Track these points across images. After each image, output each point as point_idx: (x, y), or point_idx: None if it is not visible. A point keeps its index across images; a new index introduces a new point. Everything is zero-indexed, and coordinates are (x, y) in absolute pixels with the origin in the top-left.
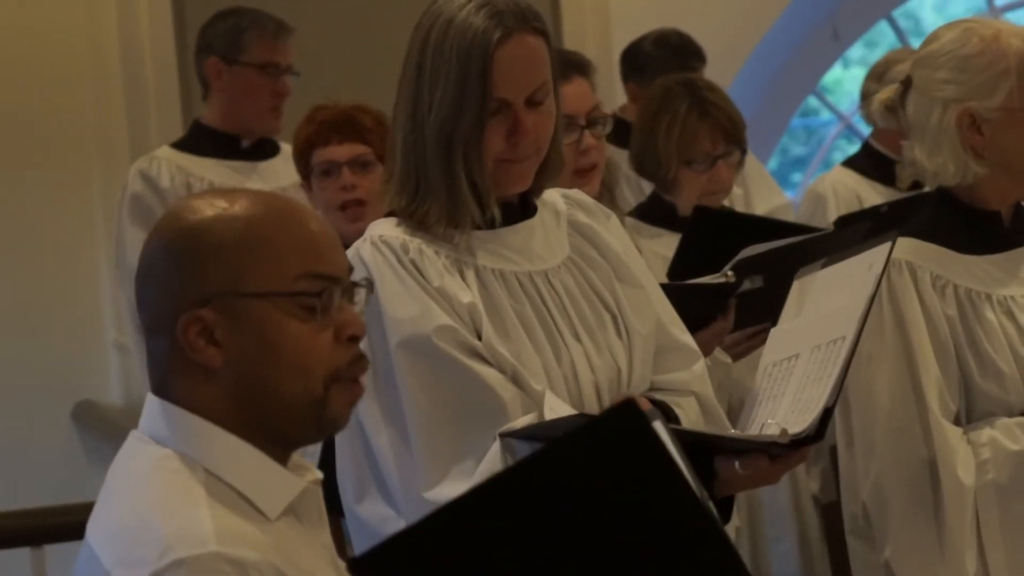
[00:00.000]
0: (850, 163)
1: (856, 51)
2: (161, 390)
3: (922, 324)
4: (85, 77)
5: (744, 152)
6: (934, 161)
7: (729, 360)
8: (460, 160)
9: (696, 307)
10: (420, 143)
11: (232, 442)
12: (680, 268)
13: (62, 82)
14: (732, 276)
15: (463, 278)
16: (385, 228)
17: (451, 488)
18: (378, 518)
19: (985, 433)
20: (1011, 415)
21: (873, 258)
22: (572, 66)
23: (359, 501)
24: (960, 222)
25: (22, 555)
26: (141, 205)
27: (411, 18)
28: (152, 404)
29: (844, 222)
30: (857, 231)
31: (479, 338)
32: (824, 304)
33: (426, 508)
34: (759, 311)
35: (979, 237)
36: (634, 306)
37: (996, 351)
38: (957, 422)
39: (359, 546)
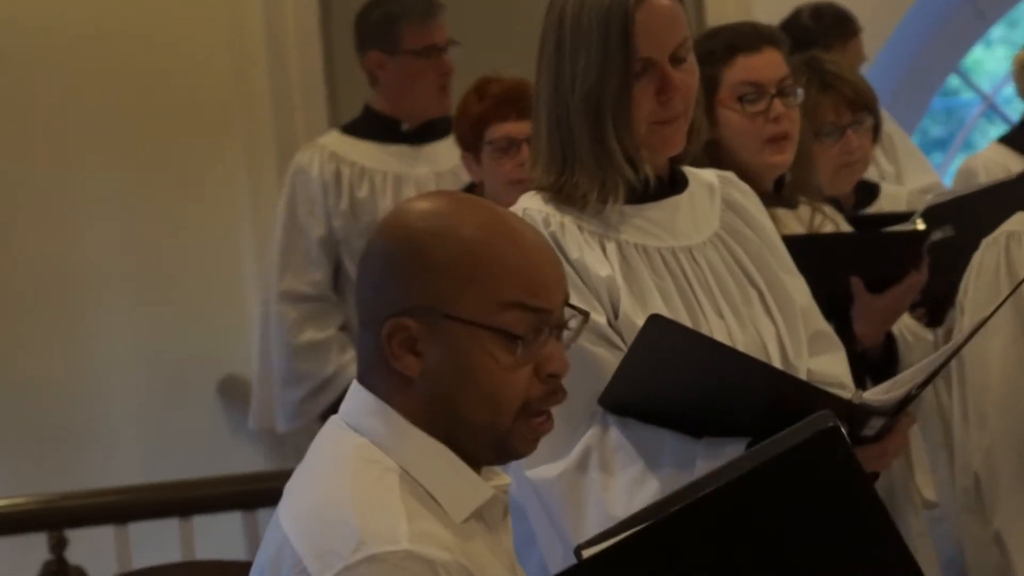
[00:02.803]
0: (1005, 140)
1: (999, 30)
2: (364, 380)
3: None
4: (229, 53)
5: (877, 119)
6: None
7: (930, 337)
8: (609, 127)
9: (887, 260)
10: (565, 117)
11: (427, 442)
12: None
13: (206, 60)
14: (921, 223)
15: (604, 252)
16: (531, 201)
17: (550, 470)
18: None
19: None
20: None
21: None
22: (763, 37)
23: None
24: None
25: (171, 525)
26: (295, 194)
27: None
28: (357, 392)
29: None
30: None
31: (616, 313)
32: None
33: (527, 485)
34: (949, 266)
35: None
36: (794, 290)
37: None
38: None
39: None
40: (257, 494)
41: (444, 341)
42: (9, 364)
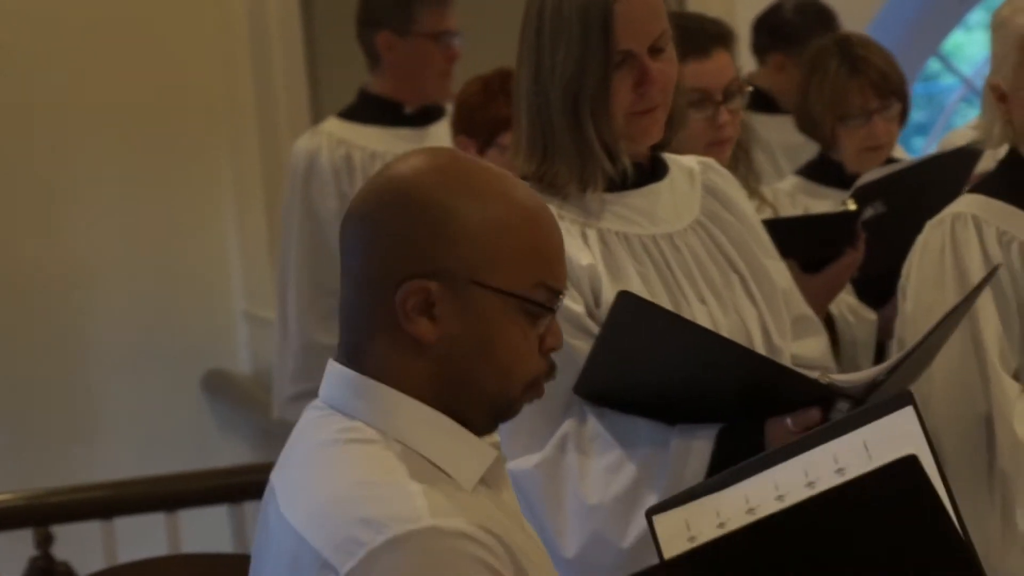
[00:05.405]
0: None
1: (977, 15)
2: (353, 355)
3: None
4: (213, 53)
5: (906, 105)
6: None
7: (873, 316)
8: (588, 118)
9: (822, 241)
10: (545, 106)
11: (425, 412)
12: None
13: (191, 59)
14: (853, 203)
15: (585, 240)
16: None
17: (528, 460)
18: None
19: None
20: None
21: None
22: (713, 38)
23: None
24: None
25: (157, 520)
26: (308, 183)
27: None
28: (339, 374)
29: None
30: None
31: (597, 302)
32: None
33: (508, 475)
34: (888, 241)
35: None
36: (776, 274)
37: None
38: (1016, 380)
39: None
40: (243, 487)
41: (468, 308)
42: None
